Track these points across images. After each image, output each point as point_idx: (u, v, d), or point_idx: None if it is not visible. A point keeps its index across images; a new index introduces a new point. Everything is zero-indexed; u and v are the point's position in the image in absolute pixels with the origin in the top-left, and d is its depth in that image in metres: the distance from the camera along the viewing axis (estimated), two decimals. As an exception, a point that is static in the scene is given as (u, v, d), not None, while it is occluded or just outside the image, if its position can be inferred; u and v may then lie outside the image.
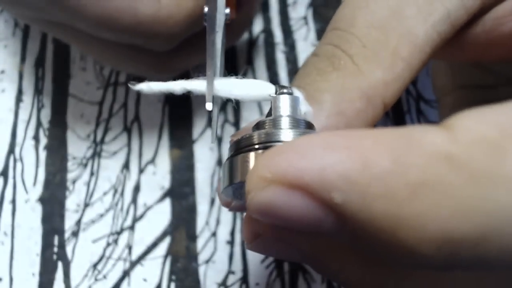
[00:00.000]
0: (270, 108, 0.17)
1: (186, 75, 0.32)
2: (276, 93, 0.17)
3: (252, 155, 0.15)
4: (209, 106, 0.17)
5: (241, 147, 0.15)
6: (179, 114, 0.32)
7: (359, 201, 0.11)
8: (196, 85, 0.17)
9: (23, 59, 0.33)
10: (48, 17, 0.25)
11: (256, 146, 0.15)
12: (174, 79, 0.18)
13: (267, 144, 0.15)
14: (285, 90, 0.17)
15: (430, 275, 0.13)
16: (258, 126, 0.16)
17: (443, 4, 0.17)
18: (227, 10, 0.22)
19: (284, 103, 0.16)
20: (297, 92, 0.17)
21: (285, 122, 0.16)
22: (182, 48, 0.26)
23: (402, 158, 0.11)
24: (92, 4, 0.22)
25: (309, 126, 0.16)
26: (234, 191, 0.16)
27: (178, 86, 0.17)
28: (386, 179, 0.11)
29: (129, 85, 0.17)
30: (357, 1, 0.18)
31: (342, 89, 0.17)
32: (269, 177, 0.12)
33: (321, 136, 0.12)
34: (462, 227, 0.10)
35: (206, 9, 0.22)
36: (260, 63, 0.33)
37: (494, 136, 0.11)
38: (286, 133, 0.15)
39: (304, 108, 0.17)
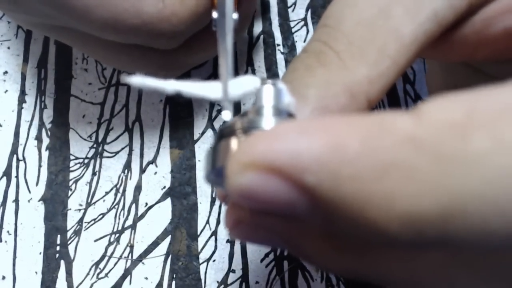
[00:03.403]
0: (255, 99, 0.17)
1: (186, 73, 0.32)
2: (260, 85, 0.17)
3: (233, 140, 0.15)
4: (226, 115, 0.17)
5: (224, 134, 0.16)
6: (180, 114, 0.32)
7: (330, 183, 0.11)
8: (188, 87, 0.17)
9: (25, 60, 0.33)
10: (52, 22, 0.25)
11: (238, 132, 0.16)
12: (180, 76, 0.17)
13: (248, 130, 0.15)
14: (269, 81, 0.17)
15: (402, 258, 0.13)
16: (242, 115, 0.17)
17: (430, 4, 0.17)
18: (235, 15, 0.22)
19: (267, 93, 0.17)
20: (281, 84, 0.18)
21: (267, 111, 0.16)
22: (187, 45, 0.27)
23: (371, 141, 0.11)
24: (97, 8, 0.22)
25: (291, 117, 0.17)
26: (217, 176, 0.17)
27: (170, 86, 0.17)
28: (356, 161, 0.11)
29: (121, 77, 0.17)
30: None
31: (326, 84, 0.17)
32: (246, 162, 0.12)
33: (296, 122, 0.12)
34: (427, 207, 0.11)
35: (215, 14, 0.22)
36: (260, 64, 0.33)
37: (458, 119, 0.11)
38: (267, 120, 0.15)
39: (287, 99, 0.17)
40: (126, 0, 0.23)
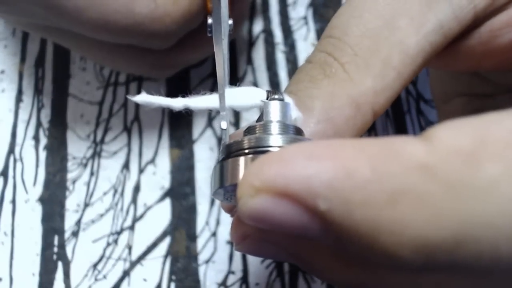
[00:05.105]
0: (261, 113, 0.17)
1: (185, 72, 0.32)
2: (267, 99, 0.17)
3: (242, 159, 0.15)
4: (224, 125, 0.17)
5: (231, 151, 0.16)
6: (179, 114, 0.32)
7: (342, 208, 0.11)
8: (197, 102, 0.17)
9: (23, 59, 0.33)
10: (44, 23, 0.25)
11: (246, 151, 0.15)
12: (174, 76, 0.17)
13: (256, 149, 0.15)
14: (276, 96, 0.17)
15: (410, 276, 0.13)
16: (249, 130, 0.17)
17: (435, 15, 0.17)
18: (230, 21, 0.22)
19: (274, 108, 0.17)
20: (287, 98, 0.17)
21: (274, 128, 0.16)
22: (180, 45, 0.26)
23: (381, 167, 0.11)
24: (88, 8, 0.22)
25: (299, 132, 0.16)
26: (225, 193, 0.17)
27: (179, 103, 0.17)
28: (367, 187, 0.11)
29: (127, 97, 0.17)
30: (351, 10, 0.18)
31: (332, 96, 0.17)
32: (258, 185, 0.12)
33: (307, 145, 0.12)
34: (437, 234, 0.11)
35: (210, 20, 0.22)
36: (260, 63, 0.33)
37: (469, 147, 0.11)
38: (275, 139, 0.15)
39: (294, 114, 0.17)
40: (118, 0, 0.22)
